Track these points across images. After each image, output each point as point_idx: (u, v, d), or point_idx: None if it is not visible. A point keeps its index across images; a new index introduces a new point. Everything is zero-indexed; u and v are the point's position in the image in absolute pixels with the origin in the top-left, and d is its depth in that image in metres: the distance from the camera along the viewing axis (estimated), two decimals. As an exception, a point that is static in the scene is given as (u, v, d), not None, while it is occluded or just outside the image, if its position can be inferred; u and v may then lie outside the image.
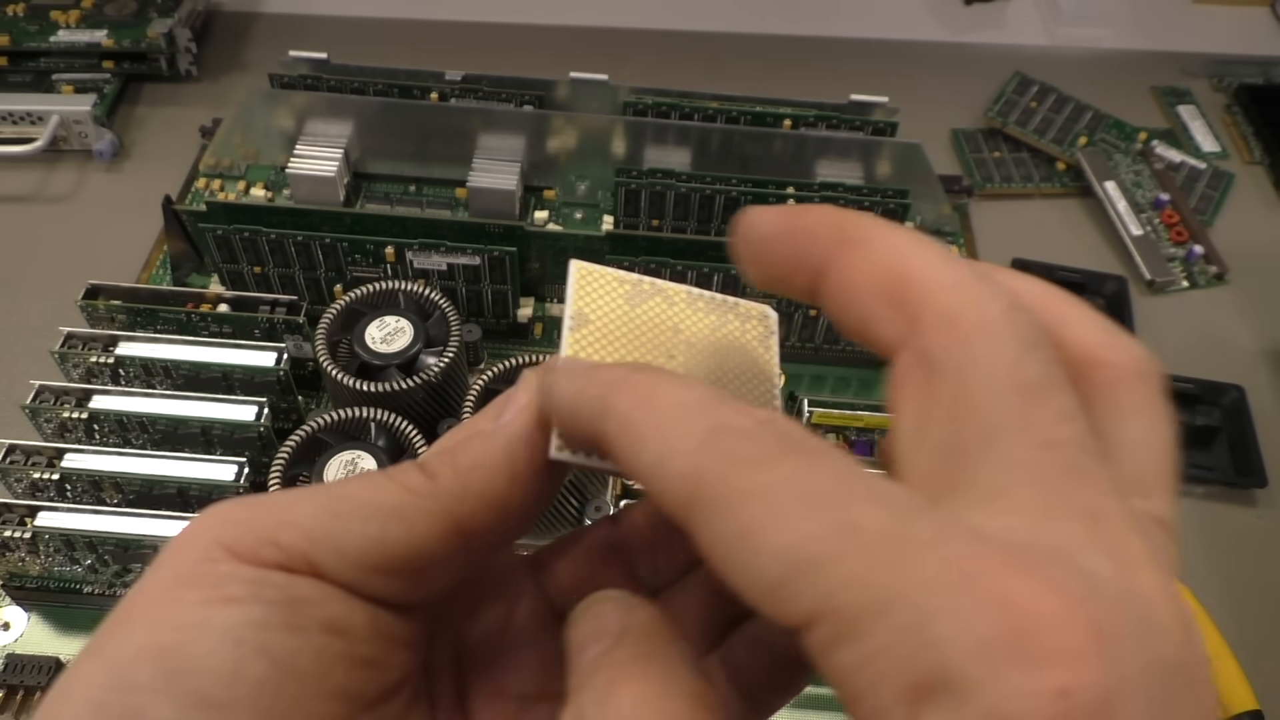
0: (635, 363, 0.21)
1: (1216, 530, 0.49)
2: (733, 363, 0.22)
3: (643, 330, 0.21)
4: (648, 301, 0.22)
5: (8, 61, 0.65)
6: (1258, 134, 0.67)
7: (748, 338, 0.22)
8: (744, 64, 0.71)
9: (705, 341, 0.22)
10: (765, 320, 0.23)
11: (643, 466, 0.16)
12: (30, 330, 0.53)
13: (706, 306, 0.22)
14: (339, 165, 0.56)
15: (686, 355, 0.21)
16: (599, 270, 0.22)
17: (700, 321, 0.22)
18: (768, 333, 0.23)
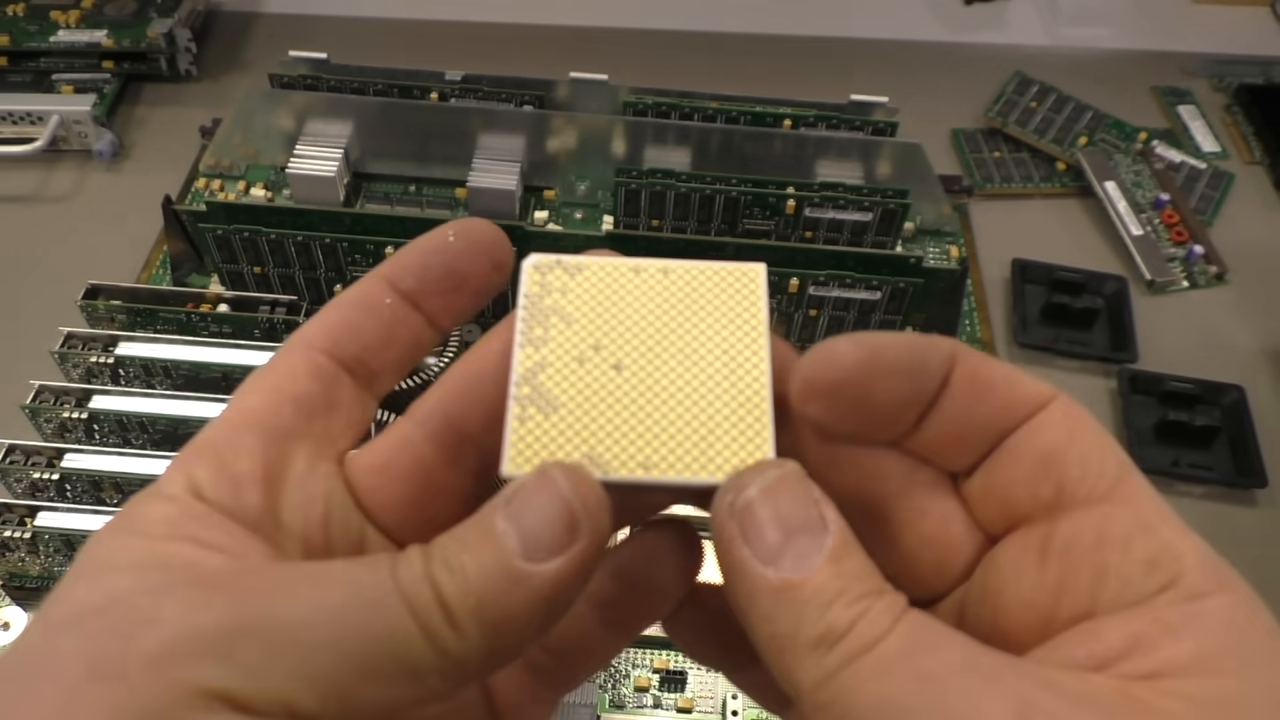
0: None
1: (1216, 530, 0.49)
2: (704, 361, 0.19)
3: (607, 335, 0.19)
4: (612, 292, 0.20)
5: (8, 61, 0.65)
6: (1258, 134, 0.67)
7: (728, 317, 0.20)
8: (744, 64, 0.71)
9: (674, 334, 0.19)
10: (750, 283, 0.20)
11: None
12: (30, 330, 0.53)
13: (680, 281, 0.20)
14: (339, 165, 0.56)
15: (647, 360, 0.19)
16: (555, 260, 0.20)
17: (671, 306, 0.20)
18: (753, 298, 0.20)
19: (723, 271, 0.20)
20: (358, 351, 0.20)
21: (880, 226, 0.54)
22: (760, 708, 0.42)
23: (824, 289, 0.49)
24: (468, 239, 0.21)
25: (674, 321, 0.19)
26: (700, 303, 0.20)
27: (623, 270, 0.20)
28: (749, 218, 0.54)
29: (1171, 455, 0.51)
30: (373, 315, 0.20)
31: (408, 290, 0.20)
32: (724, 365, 0.19)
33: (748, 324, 0.19)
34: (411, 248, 0.21)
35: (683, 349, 0.19)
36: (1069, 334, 0.56)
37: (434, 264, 0.20)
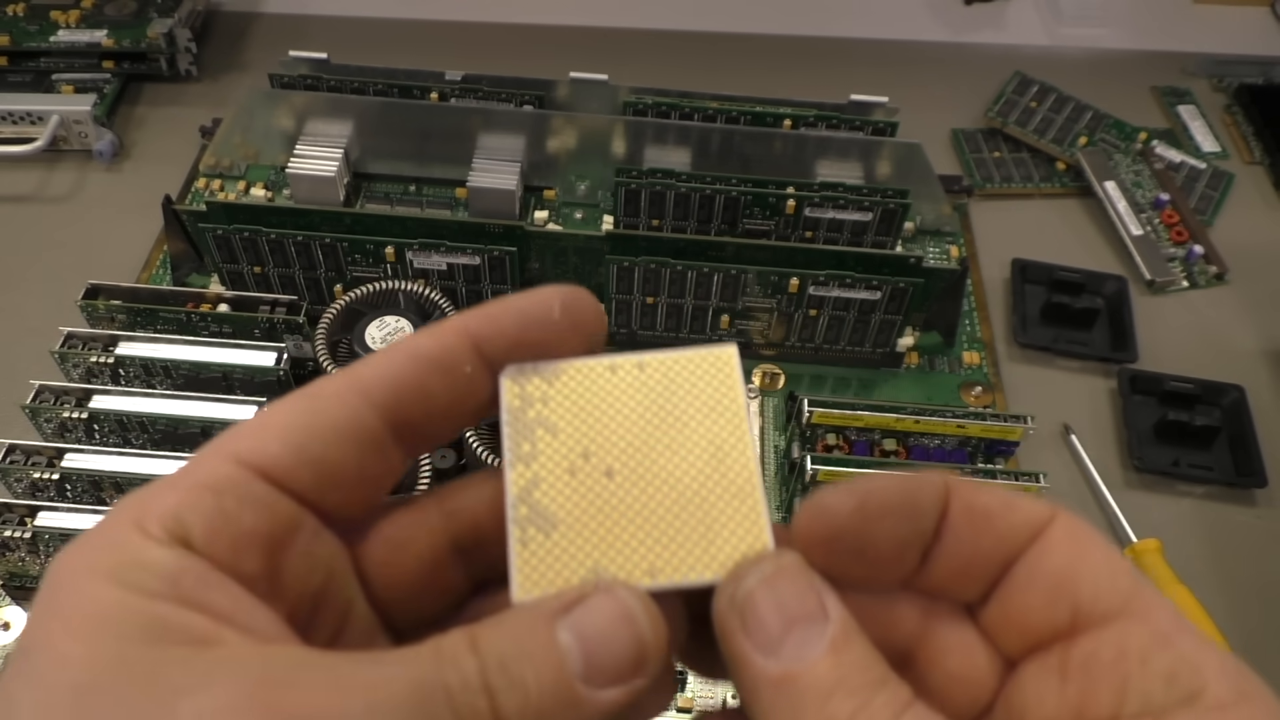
0: None
1: (1216, 530, 0.49)
2: (690, 455, 0.19)
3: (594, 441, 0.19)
4: (592, 394, 0.19)
5: (8, 61, 0.65)
6: (1258, 134, 0.67)
7: (708, 405, 0.19)
8: (744, 64, 0.71)
9: (658, 430, 0.19)
10: (724, 368, 0.20)
11: None
12: (30, 330, 0.53)
13: (657, 374, 0.20)
14: (339, 165, 0.56)
15: (636, 462, 0.19)
16: (532, 369, 0.19)
17: (651, 402, 0.19)
18: (728, 383, 0.20)
19: (696, 359, 0.20)
20: (417, 417, 0.18)
21: (880, 226, 0.54)
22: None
23: (824, 289, 0.49)
24: (573, 319, 0.19)
25: (656, 417, 0.19)
26: (679, 394, 0.20)
27: (599, 370, 0.20)
28: (749, 218, 0.54)
29: (1171, 455, 0.51)
30: (447, 380, 0.18)
31: (492, 356, 0.19)
32: (711, 457, 0.19)
33: (727, 410, 0.19)
34: (510, 309, 0.19)
35: (669, 445, 0.19)
36: (1069, 334, 0.56)
37: (532, 340, 0.19)
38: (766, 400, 0.52)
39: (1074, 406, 0.53)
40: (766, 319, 0.51)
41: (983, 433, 0.46)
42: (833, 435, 0.47)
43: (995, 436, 0.46)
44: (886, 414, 0.46)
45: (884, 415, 0.46)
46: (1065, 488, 0.50)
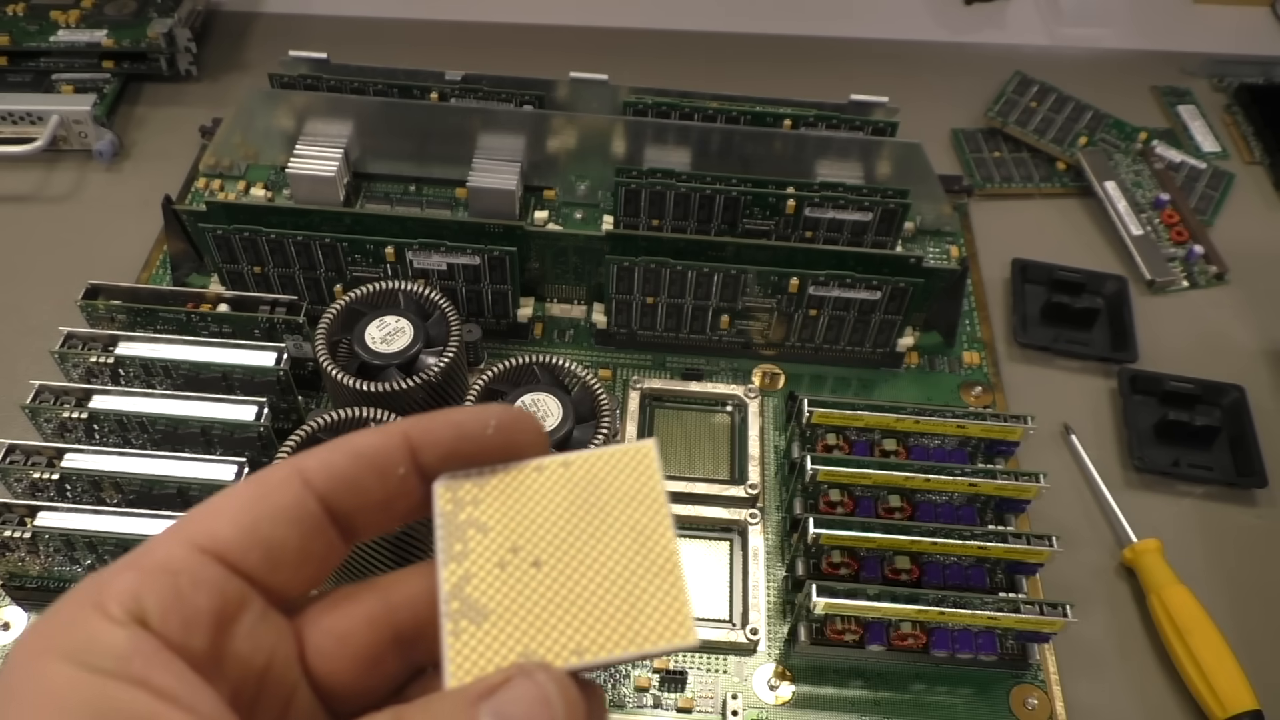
0: None
1: (1216, 530, 0.49)
2: (614, 542, 0.20)
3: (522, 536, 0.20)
4: (520, 494, 0.21)
5: (8, 61, 0.65)
6: (1258, 134, 0.67)
7: (629, 496, 0.21)
8: (744, 64, 0.71)
9: (583, 521, 0.20)
10: (644, 461, 0.21)
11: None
12: (30, 330, 0.53)
13: (581, 471, 0.21)
14: (339, 165, 0.56)
15: (563, 552, 0.20)
16: (464, 475, 0.21)
17: (576, 497, 0.21)
18: (648, 474, 0.21)
19: (618, 454, 0.21)
20: (351, 510, 0.19)
21: (880, 226, 0.54)
22: (761, 709, 0.42)
23: (824, 289, 0.49)
24: (507, 439, 0.20)
25: (582, 510, 0.20)
26: (602, 488, 0.21)
27: (527, 471, 0.21)
28: (749, 218, 0.54)
29: (1171, 455, 0.51)
30: (382, 480, 0.19)
31: (425, 465, 0.20)
32: (634, 542, 0.20)
33: (648, 499, 0.20)
34: (447, 422, 0.20)
35: (593, 534, 0.20)
36: (1069, 334, 0.56)
37: (464, 451, 0.20)
38: (766, 400, 0.52)
39: (1074, 406, 0.53)
40: (766, 319, 0.51)
41: (983, 433, 0.46)
42: (833, 435, 0.47)
43: (995, 436, 0.46)
44: (886, 414, 0.46)
45: (884, 415, 0.46)
46: (1065, 488, 0.50)
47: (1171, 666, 0.44)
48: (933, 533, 0.42)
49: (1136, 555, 0.46)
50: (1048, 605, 0.40)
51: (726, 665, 0.43)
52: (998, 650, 0.41)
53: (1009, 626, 0.41)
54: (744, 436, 0.49)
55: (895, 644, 0.42)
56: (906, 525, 0.42)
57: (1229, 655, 0.43)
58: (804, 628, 0.42)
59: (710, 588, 0.45)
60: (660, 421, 0.50)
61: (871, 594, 0.40)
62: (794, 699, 0.42)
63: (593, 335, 0.54)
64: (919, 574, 0.43)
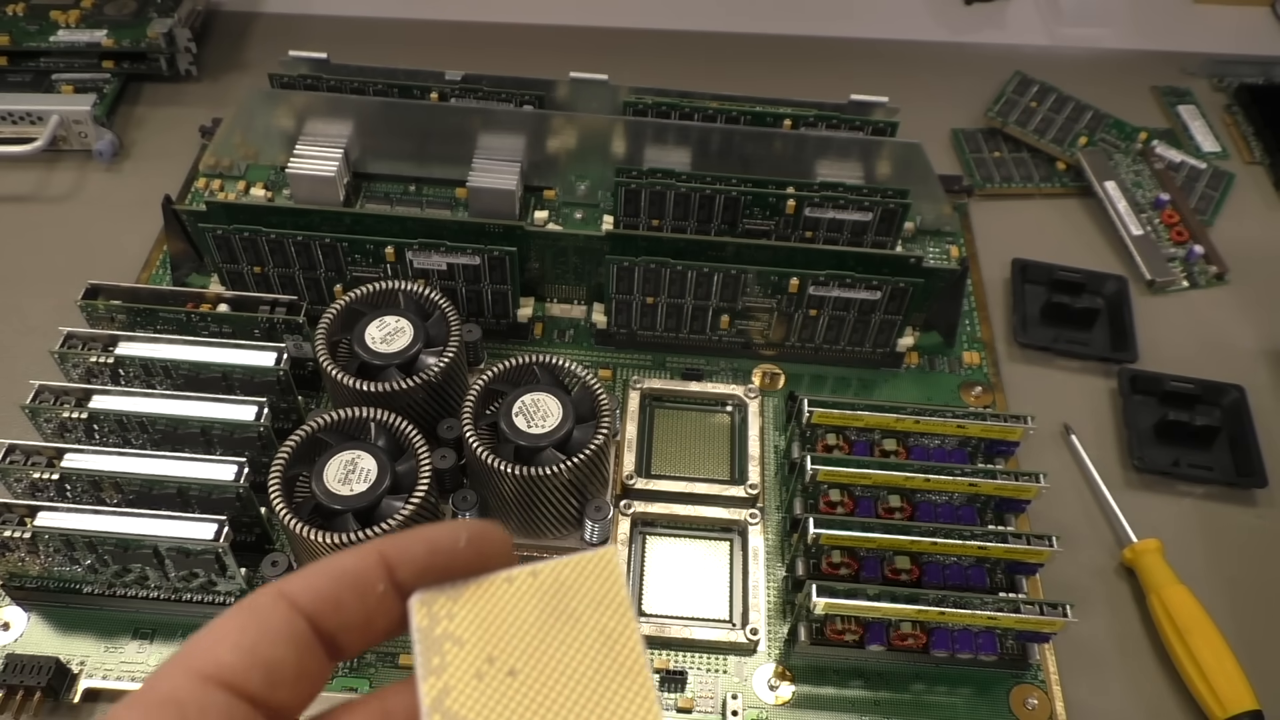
0: None
1: (1216, 530, 0.49)
2: (584, 647, 0.21)
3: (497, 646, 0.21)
4: (493, 605, 0.21)
5: (8, 61, 0.65)
6: (1258, 134, 0.67)
7: (595, 601, 0.21)
8: (744, 64, 0.71)
9: (553, 628, 0.21)
10: (606, 567, 0.22)
11: None
12: (30, 330, 0.53)
13: (548, 579, 0.22)
14: (339, 165, 0.56)
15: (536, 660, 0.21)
16: (438, 590, 0.21)
17: (546, 605, 0.21)
18: (612, 579, 0.22)
19: (582, 562, 0.22)
20: (333, 629, 0.20)
21: (880, 226, 0.54)
22: (761, 709, 0.42)
23: (824, 289, 0.49)
24: (478, 552, 0.21)
25: (551, 617, 0.21)
26: (569, 595, 0.21)
27: (497, 583, 0.21)
28: (749, 218, 0.54)
29: (1172, 455, 0.51)
30: (361, 599, 0.20)
31: (401, 581, 0.20)
32: (602, 645, 0.21)
33: (613, 603, 0.21)
34: (420, 538, 0.21)
35: (564, 641, 0.21)
36: (1069, 334, 0.56)
37: (438, 566, 0.21)
38: (766, 400, 0.52)
39: (1074, 406, 0.53)
40: (766, 319, 0.51)
41: (983, 433, 0.46)
42: (833, 435, 0.47)
43: (995, 436, 0.46)
44: (886, 414, 0.46)
45: (884, 415, 0.46)
46: (1065, 488, 0.50)
47: (1171, 666, 0.44)
48: (933, 533, 0.42)
49: (1136, 555, 0.46)
50: (1048, 605, 0.40)
51: (726, 665, 0.43)
52: (998, 650, 0.41)
53: (1009, 626, 0.41)
54: (744, 436, 0.49)
55: (895, 644, 0.42)
56: (906, 525, 0.42)
57: (1229, 655, 0.43)
58: (804, 628, 0.42)
59: (710, 588, 0.45)
60: (660, 421, 0.50)
61: (871, 594, 0.40)
62: (794, 699, 0.42)
63: (593, 335, 0.54)
64: (919, 574, 0.43)
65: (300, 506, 0.40)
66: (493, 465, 0.41)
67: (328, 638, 0.20)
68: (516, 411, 0.42)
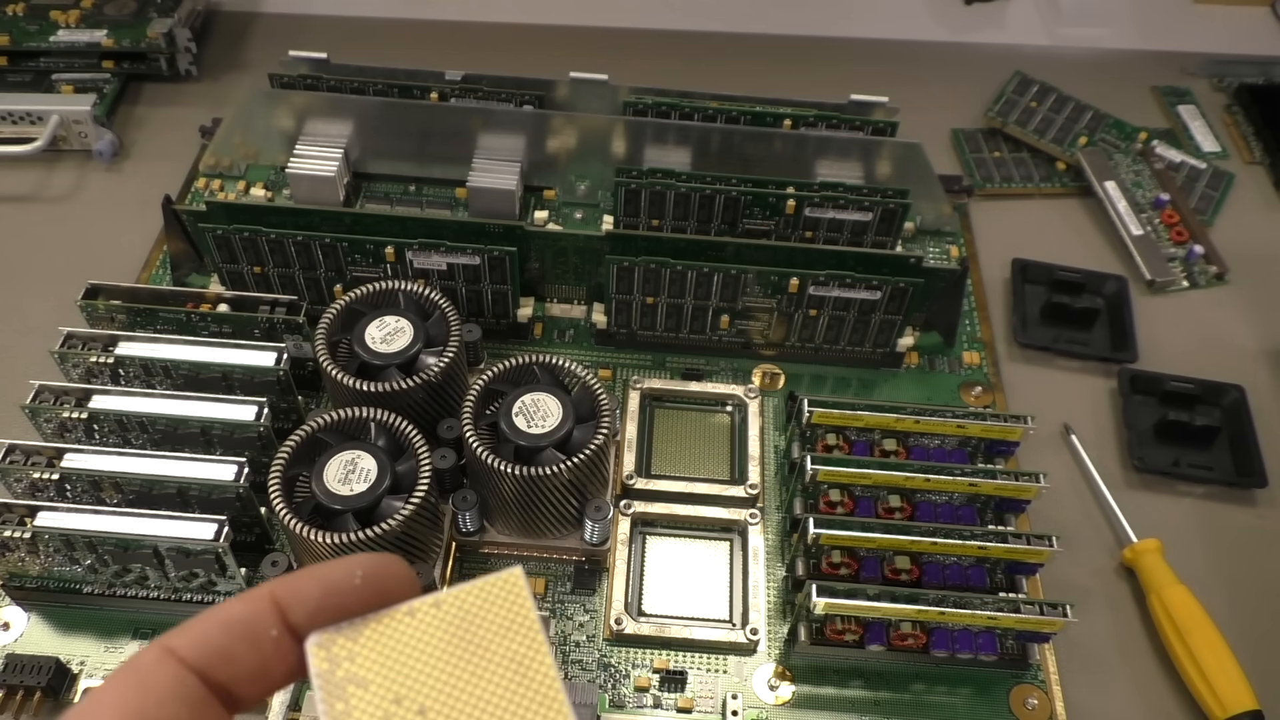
0: None
1: (1216, 530, 0.49)
2: (496, 676, 0.20)
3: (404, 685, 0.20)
4: (396, 641, 0.20)
5: (8, 61, 0.65)
6: (1258, 134, 0.67)
7: (504, 627, 0.21)
8: (744, 64, 0.71)
9: (462, 660, 0.20)
10: (513, 590, 0.21)
11: None
12: (30, 330, 0.53)
13: (453, 609, 0.21)
14: (339, 165, 0.56)
15: (446, 695, 0.20)
16: (335, 630, 0.20)
17: (452, 636, 0.21)
18: (519, 602, 0.21)
19: (487, 587, 0.21)
20: (226, 681, 0.19)
21: (880, 226, 0.54)
22: (761, 709, 0.42)
23: (824, 289, 0.49)
24: (376, 587, 0.20)
25: (459, 649, 0.20)
26: (476, 622, 0.21)
27: (399, 617, 0.21)
28: (749, 218, 0.54)
29: (1172, 455, 0.51)
30: (253, 647, 0.19)
31: (296, 624, 0.20)
32: (514, 673, 0.20)
33: (522, 627, 0.21)
34: (312, 577, 0.20)
35: (474, 672, 0.20)
36: (1069, 334, 0.56)
37: (333, 605, 0.20)
38: (766, 400, 0.52)
39: (1074, 406, 0.53)
40: (766, 319, 0.51)
41: (983, 433, 0.46)
42: (833, 435, 0.47)
43: (995, 436, 0.46)
44: (886, 414, 0.46)
45: (884, 415, 0.46)
46: (1065, 488, 0.50)
47: (1171, 666, 0.44)
48: (933, 533, 0.42)
49: (1136, 555, 0.46)
50: (1048, 605, 0.40)
51: (726, 665, 0.43)
52: (998, 650, 0.41)
53: (1009, 626, 0.41)
54: (744, 436, 0.49)
55: (895, 644, 0.42)
56: (906, 525, 0.42)
57: (1229, 655, 0.43)
58: (804, 628, 0.42)
59: (710, 588, 0.45)
60: (660, 421, 0.50)
61: (871, 594, 0.40)
62: (794, 699, 0.42)
63: (593, 335, 0.54)
64: (919, 574, 0.43)
65: (300, 506, 0.40)
66: (493, 465, 0.41)
67: (222, 690, 0.19)
68: (516, 411, 0.42)
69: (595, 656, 0.43)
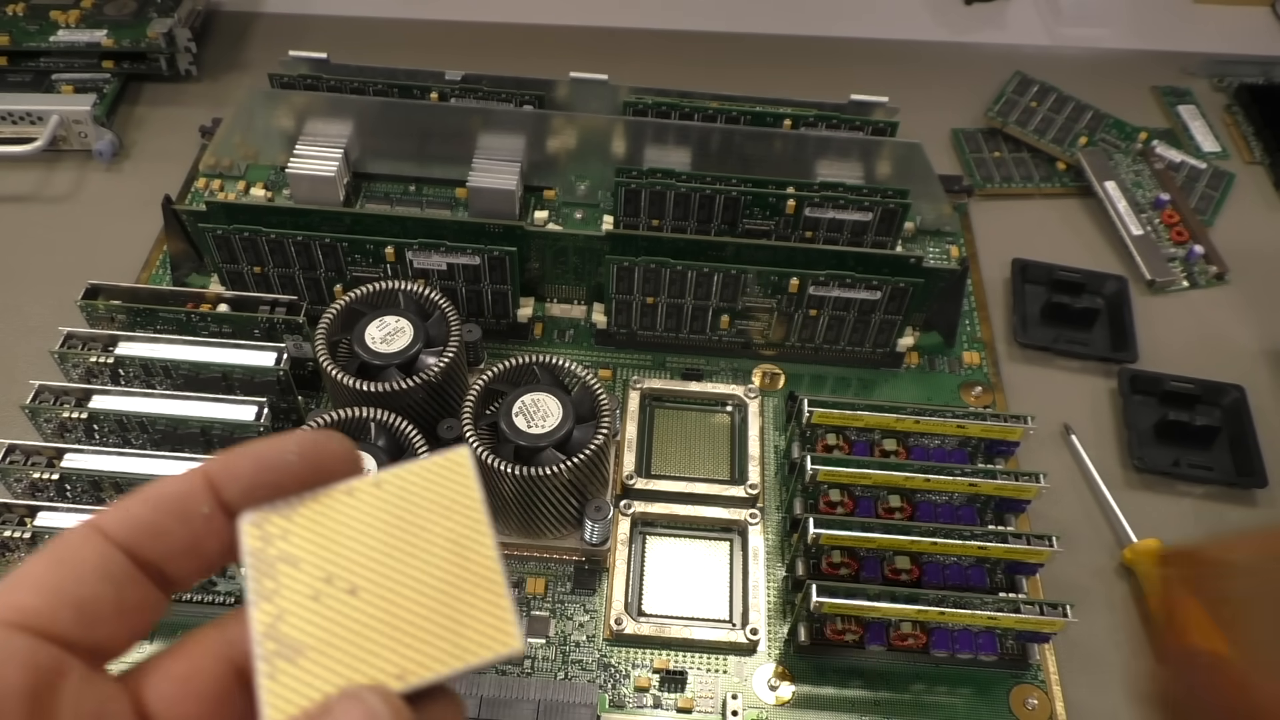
0: None
1: (1216, 530, 0.49)
2: (432, 558, 0.20)
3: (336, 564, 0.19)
4: (332, 520, 0.20)
5: (8, 61, 0.65)
6: (1258, 134, 0.67)
7: (445, 507, 0.20)
8: (744, 64, 0.71)
9: (399, 540, 0.20)
10: (458, 471, 0.20)
11: None
12: (30, 330, 0.53)
13: (394, 489, 0.20)
14: (339, 165, 0.56)
15: (380, 575, 0.19)
16: (270, 508, 0.20)
17: (390, 516, 0.20)
18: (464, 484, 0.20)
19: (432, 467, 0.20)
20: (157, 558, 0.19)
21: (880, 226, 0.54)
22: (761, 709, 0.42)
23: (824, 289, 0.49)
24: (311, 463, 0.20)
25: (396, 529, 0.20)
26: (417, 503, 0.20)
27: (337, 496, 0.20)
28: (749, 218, 0.54)
29: (1172, 455, 0.51)
30: (184, 523, 0.19)
31: (230, 501, 0.19)
32: (453, 555, 0.20)
33: (465, 509, 0.20)
34: (247, 454, 0.20)
35: (410, 552, 0.20)
36: (1069, 334, 0.56)
37: (268, 482, 0.19)
38: (766, 400, 0.52)
39: (1074, 406, 0.53)
40: (766, 319, 0.51)
41: (983, 433, 0.46)
42: (833, 435, 0.47)
43: (995, 436, 0.46)
44: (886, 414, 0.46)
45: (884, 415, 0.46)
46: (1065, 488, 0.50)
47: (1171, 666, 0.44)
48: (933, 533, 0.42)
49: (1136, 555, 0.46)
50: (1048, 605, 0.40)
51: (726, 665, 0.43)
52: (998, 650, 0.41)
53: (1009, 626, 0.41)
54: (744, 436, 0.49)
55: (895, 644, 0.42)
56: (906, 525, 0.42)
57: (1229, 655, 0.43)
58: (804, 628, 0.42)
59: (710, 588, 0.45)
60: (660, 421, 0.50)
61: (871, 594, 0.40)
62: (794, 699, 0.42)
63: (593, 335, 0.54)
64: (919, 574, 0.43)
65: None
66: (493, 465, 0.41)
67: (153, 568, 0.19)
68: (516, 411, 0.42)
69: (595, 656, 0.43)
